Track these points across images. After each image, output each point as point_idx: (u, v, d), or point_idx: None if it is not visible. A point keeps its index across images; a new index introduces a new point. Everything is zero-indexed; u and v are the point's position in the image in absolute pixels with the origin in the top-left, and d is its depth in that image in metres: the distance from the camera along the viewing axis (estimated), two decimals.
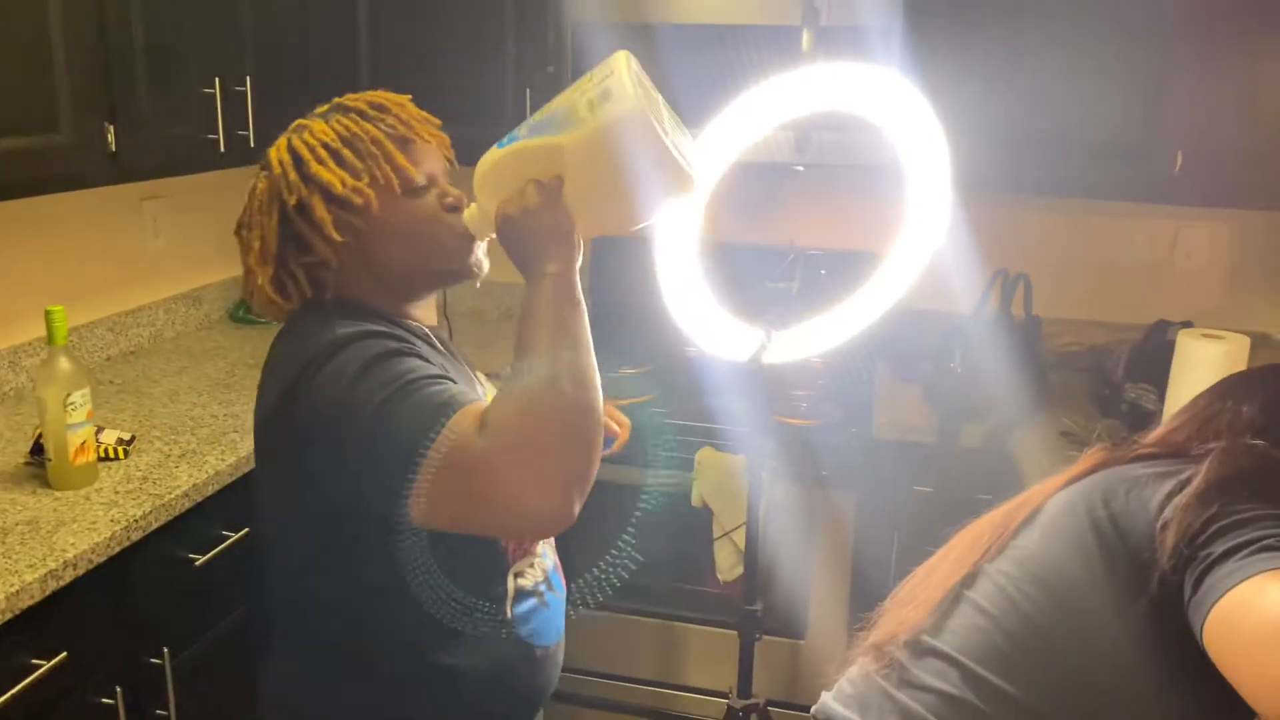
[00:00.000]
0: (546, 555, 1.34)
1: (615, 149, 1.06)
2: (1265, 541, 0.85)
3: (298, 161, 1.19)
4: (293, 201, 1.18)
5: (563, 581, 1.38)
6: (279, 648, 1.31)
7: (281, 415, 1.13)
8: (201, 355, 2.66)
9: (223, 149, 2.35)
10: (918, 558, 1.23)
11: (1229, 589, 0.84)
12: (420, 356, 1.13)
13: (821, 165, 2.44)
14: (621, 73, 1.06)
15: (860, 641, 1.16)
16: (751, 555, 1.84)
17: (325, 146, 1.19)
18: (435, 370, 1.13)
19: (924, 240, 1.61)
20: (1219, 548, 0.87)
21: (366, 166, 1.18)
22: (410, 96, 1.28)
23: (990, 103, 2.33)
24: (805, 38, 2.32)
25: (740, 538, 2.26)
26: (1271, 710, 0.79)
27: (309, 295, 1.22)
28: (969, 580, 1.06)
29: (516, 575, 1.26)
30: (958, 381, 2.39)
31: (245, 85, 2.41)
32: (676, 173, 1.09)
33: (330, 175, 1.17)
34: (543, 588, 1.30)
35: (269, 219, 1.20)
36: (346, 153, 1.18)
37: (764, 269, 2.16)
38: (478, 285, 1.29)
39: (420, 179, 1.22)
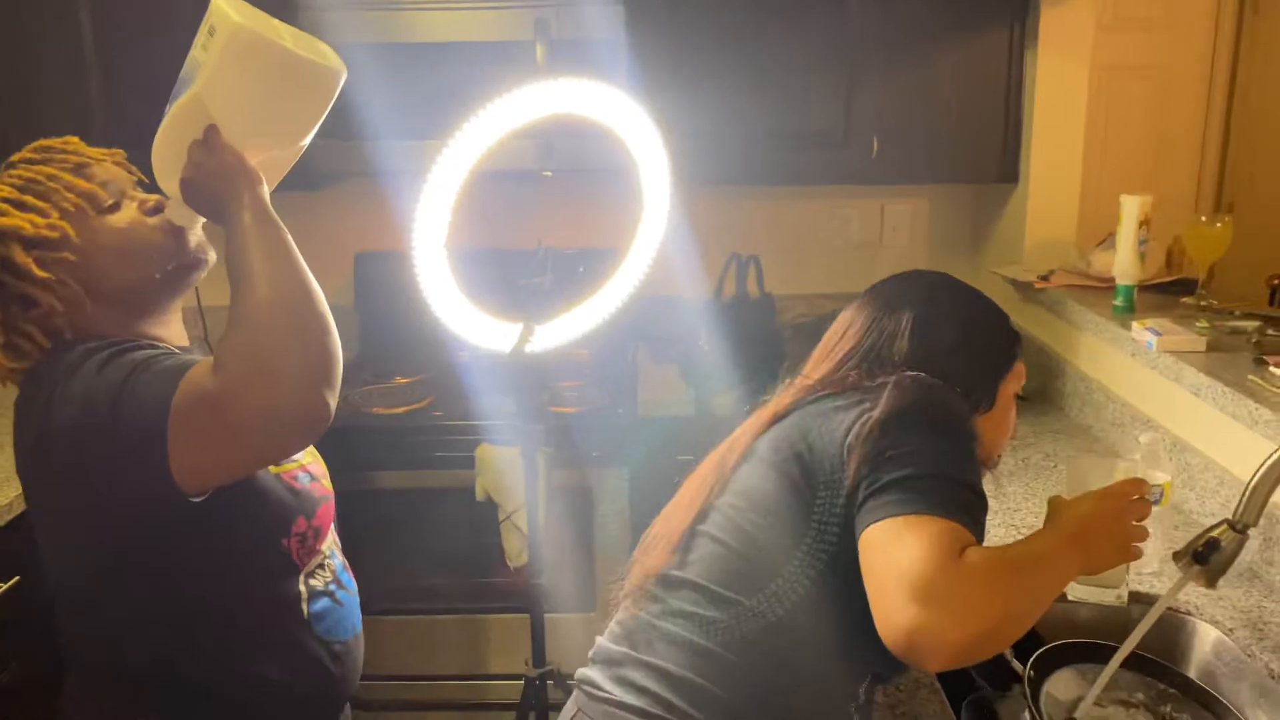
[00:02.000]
0: (334, 555, 1.41)
1: (241, 70, 1.14)
2: (914, 484, 1.01)
3: None
4: None
5: (352, 579, 1.45)
6: (78, 693, 1.30)
7: (41, 442, 1.16)
8: None
9: None
10: None
11: (876, 520, 1.00)
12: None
13: (565, 171, 2.61)
14: (221, 6, 1.13)
15: (618, 592, 1.30)
16: (533, 533, 1.98)
17: (4, 200, 1.20)
18: (174, 352, 1.18)
19: (653, 231, 1.80)
20: (883, 476, 1.03)
21: (53, 202, 1.20)
22: (78, 138, 1.30)
23: (707, 104, 2.58)
24: (539, 51, 2.50)
25: (521, 520, 2.39)
26: (883, 636, 0.96)
27: (48, 347, 1.22)
28: (701, 517, 1.23)
29: (308, 577, 1.33)
30: (707, 358, 2.63)
31: None
32: (313, 69, 1.17)
33: (17, 221, 1.18)
34: (333, 587, 1.37)
35: None
36: (27, 198, 1.20)
37: (519, 271, 2.30)
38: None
39: (106, 195, 1.25)
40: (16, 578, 1.93)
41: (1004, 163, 2.68)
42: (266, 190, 1.20)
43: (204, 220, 1.28)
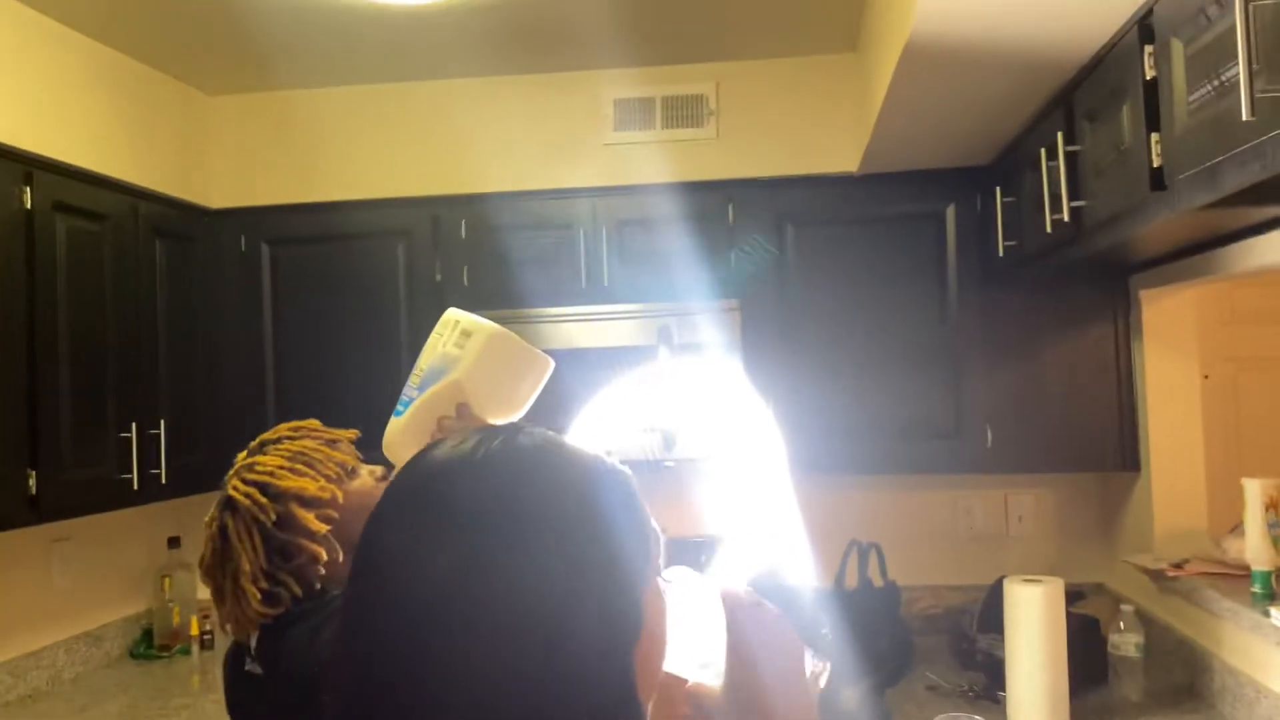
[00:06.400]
0: None
1: (495, 359, 1.43)
2: None
3: (263, 488, 1.41)
4: (272, 519, 1.39)
5: None
6: None
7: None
8: (103, 694, 2.68)
9: (136, 487, 2.54)
10: None
11: None
12: None
13: (686, 461, 2.75)
14: (467, 316, 1.45)
15: None
16: None
17: (281, 467, 1.43)
18: None
19: (759, 519, 1.88)
20: None
21: (318, 470, 1.44)
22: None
23: (818, 397, 2.74)
24: (661, 353, 2.72)
25: None
26: None
27: (299, 595, 1.39)
28: None
29: None
30: (830, 648, 2.59)
31: (160, 428, 2.64)
32: (539, 359, 1.49)
33: (300, 482, 1.41)
34: None
35: (251, 543, 1.39)
36: (299, 465, 1.44)
37: None
38: None
39: (353, 463, 1.50)
40: None
41: (1123, 452, 2.68)
42: None
43: None
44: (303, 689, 1.29)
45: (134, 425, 2.54)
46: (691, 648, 0.90)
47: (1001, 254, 2.50)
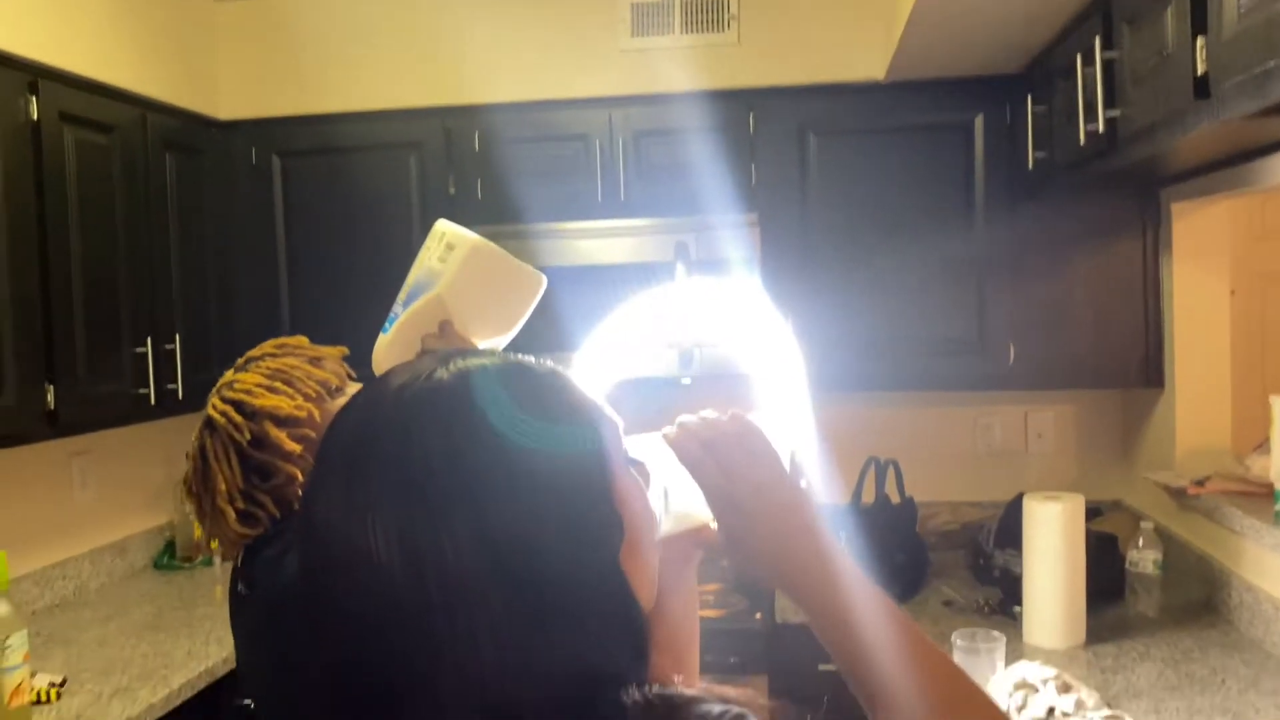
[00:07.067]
0: None
1: (479, 274, 1.38)
2: None
3: (238, 405, 1.37)
4: (247, 438, 1.35)
5: None
6: None
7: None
8: (128, 603, 2.73)
9: (153, 402, 2.54)
10: None
11: None
12: None
13: (704, 377, 2.73)
14: (454, 227, 1.39)
15: None
16: None
17: (258, 385, 1.38)
18: None
19: (785, 436, 1.87)
20: None
21: (297, 388, 1.39)
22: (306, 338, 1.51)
23: (840, 314, 2.70)
24: (679, 270, 2.68)
25: None
26: None
27: (277, 516, 1.36)
28: None
29: None
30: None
31: (175, 343, 2.63)
32: (528, 275, 1.43)
33: (274, 401, 1.37)
34: None
35: (227, 463, 1.36)
36: (277, 384, 1.39)
37: None
38: None
39: (337, 381, 1.44)
40: None
41: (1147, 368, 2.65)
42: None
43: None
44: (271, 609, 1.26)
45: (149, 340, 2.53)
46: (681, 501, 0.87)
47: (1031, 166, 2.43)
